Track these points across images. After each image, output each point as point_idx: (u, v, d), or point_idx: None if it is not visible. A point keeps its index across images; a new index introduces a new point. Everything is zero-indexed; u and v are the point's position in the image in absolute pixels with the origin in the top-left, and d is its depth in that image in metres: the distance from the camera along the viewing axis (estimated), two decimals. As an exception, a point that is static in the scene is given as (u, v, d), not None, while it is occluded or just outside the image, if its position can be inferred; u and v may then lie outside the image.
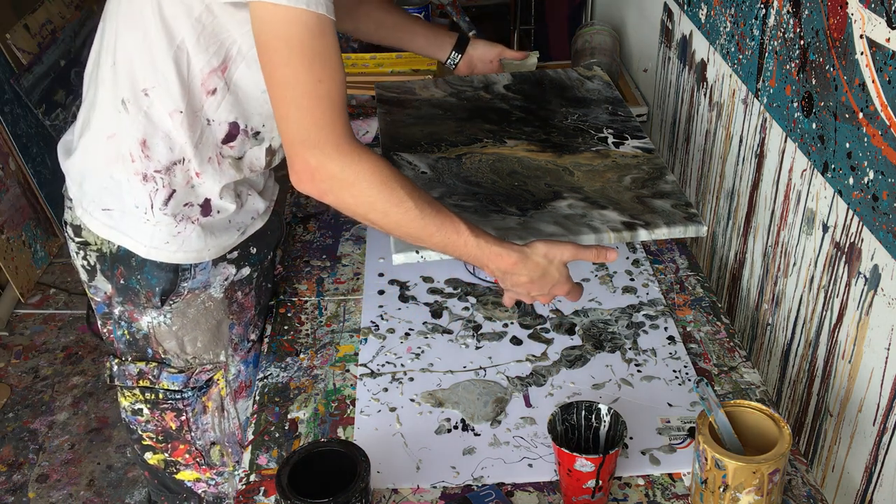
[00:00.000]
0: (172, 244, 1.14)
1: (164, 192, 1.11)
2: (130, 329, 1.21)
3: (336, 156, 0.99)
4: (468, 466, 1.06)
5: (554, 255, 1.11)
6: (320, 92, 0.97)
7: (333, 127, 0.99)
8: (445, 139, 1.43)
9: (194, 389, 1.25)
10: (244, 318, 1.27)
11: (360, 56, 2.02)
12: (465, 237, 1.07)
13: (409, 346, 1.25)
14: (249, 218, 1.21)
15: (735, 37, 1.37)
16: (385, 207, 1.03)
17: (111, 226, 1.14)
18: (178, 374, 1.23)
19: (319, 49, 0.97)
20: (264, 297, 1.32)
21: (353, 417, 1.13)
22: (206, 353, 1.24)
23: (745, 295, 1.42)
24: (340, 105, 1.00)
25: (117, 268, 1.16)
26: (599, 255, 1.14)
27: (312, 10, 0.94)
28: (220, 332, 1.24)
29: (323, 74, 0.97)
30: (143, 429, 1.27)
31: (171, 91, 1.06)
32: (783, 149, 1.24)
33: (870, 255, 1.03)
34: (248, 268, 1.24)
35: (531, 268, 1.11)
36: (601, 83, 1.60)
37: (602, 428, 1.01)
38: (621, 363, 1.21)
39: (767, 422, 0.96)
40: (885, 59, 0.94)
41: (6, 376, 2.53)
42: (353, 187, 1.01)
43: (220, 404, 1.28)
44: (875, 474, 1.05)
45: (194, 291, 1.19)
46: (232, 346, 1.27)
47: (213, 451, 1.31)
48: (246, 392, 1.31)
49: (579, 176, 1.31)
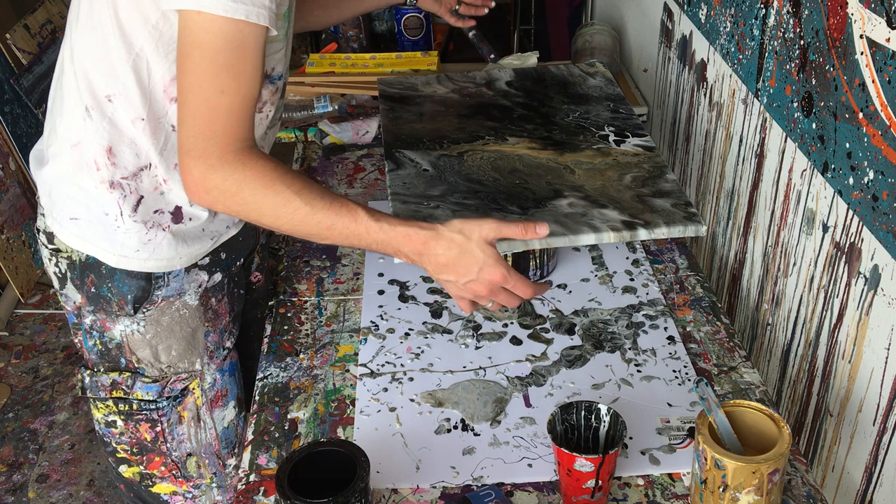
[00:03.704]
0: (143, 252, 1.12)
1: (133, 199, 1.09)
2: (103, 339, 1.19)
3: (219, 166, 0.97)
4: (468, 466, 1.06)
5: (471, 231, 1.04)
6: (221, 104, 0.96)
7: (223, 138, 0.97)
8: (447, 136, 1.43)
9: (169, 399, 1.22)
10: (219, 325, 1.24)
11: (360, 56, 2.02)
12: (366, 224, 1.03)
13: (409, 346, 1.25)
14: (224, 227, 1.20)
15: (735, 37, 1.37)
16: (274, 211, 1.01)
17: (79, 235, 1.12)
18: (153, 384, 1.20)
19: (233, 61, 0.95)
20: (237, 303, 1.29)
21: (353, 417, 1.13)
22: (181, 361, 1.21)
23: (745, 295, 1.42)
24: (240, 118, 0.98)
25: (87, 276, 1.14)
26: (527, 231, 1.06)
27: (236, 19, 0.93)
28: (196, 339, 1.22)
29: (229, 86, 0.95)
30: (118, 441, 1.24)
31: (132, 98, 1.05)
32: (783, 149, 1.24)
33: (870, 255, 1.03)
34: (219, 273, 1.22)
35: (445, 245, 1.04)
36: (603, 80, 1.60)
37: (602, 428, 1.01)
38: (621, 363, 1.21)
39: (767, 422, 0.96)
40: (885, 59, 0.94)
41: (6, 376, 2.53)
42: (238, 195, 0.99)
43: (195, 414, 1.26)
44: (875, 474, 1.05)
45: (168, 299, 1.17)
46: (207, 354, 1.24)
47: (189, 462, 1.28)
48: (222, 401, 1.28)
49: (580, 174, 1.31)
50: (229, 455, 1.33)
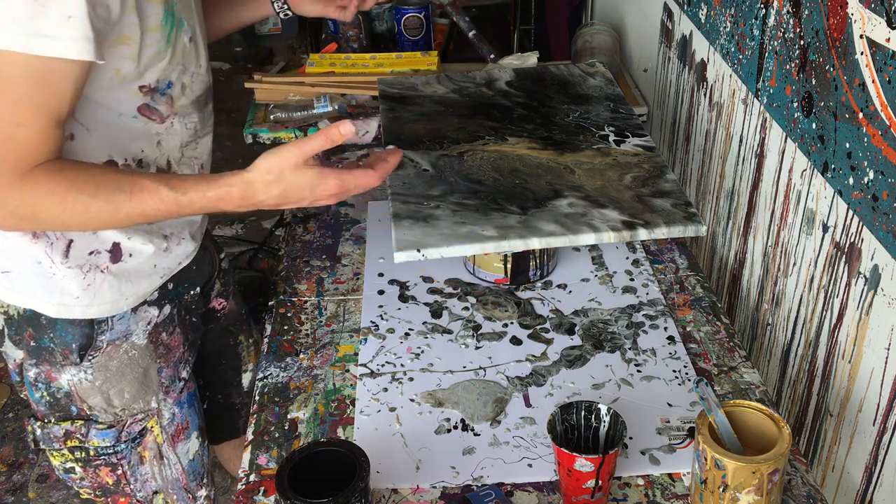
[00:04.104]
0: (84, 298, 1.08)
1: (61, 244, 1.06)
2: (50, 389, 1.14)
3: (8, 195, 0.94)
4: (468, 466, 1.06)
5: (279, 166, 0.98)
6: (17, 134, 0.92)
7: (13, 164, 0.93)
8: (448, 136, 1.43)
9: (127, 442, 1.18)
10: (172, 358, 1.21)
11: (360, 56, 2.02)
12: (174, 200, 0.97)
13: (409, 346, 1.25)
14: (177, 263, 1.17)
15: (735, 37, 1.37)
16: (78, 219, 0.97)
17: (12, 288, 1.09)
18: (108, 430, 1.16)
19: (33, 93, 0.91)
20: (191, 332, 1.25)
21: (353, 417, 1.13)
22: (135, 402, 1.18)
23: (745, 295, 1.42)
24: (40, 144, 0.94)
25: (25, 330, 1.11)
26: (328, 138, 0.98)
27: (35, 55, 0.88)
28: (148, 378, 1.18)
29: (26, 118, 0.92)
30: (79, 485, 1.21)
31: None
32: (783, 149, 1.24)
33: (870, 255, 1.03)
34: (168, 305, 1.19)
35: (263, 189, 0.99)
36: (603, 80, 1.60)
37: (602, 428, 1.01)
38: (621, 363, 1.21)
39: (767, 422, 0.96)
40: (885, 59, 0.94)
41: (6, 376, 2.53)
42: (38, 217, 0.96)
43: (157, 452, 1.22)
44: (875, 474, 1.05)
45: (115, 343, 1.13)
46: (163, 390, 1.21)
47: (156, 500, 1.25)
48: (184, 434, 1.25)
49: (580, 174, 1.31)
50: (198, 487, 1.30)
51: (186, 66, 1.11)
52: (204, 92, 1.16)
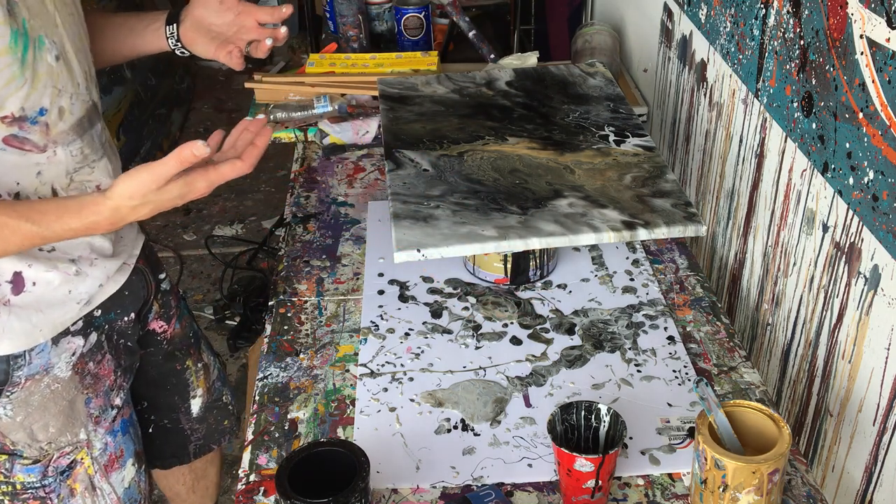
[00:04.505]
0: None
1: None
2: None
3: None
4: (468, 466, 1.06)
5: (139, 192, 0.95)
6: None
7: None
8: (448, 136, 1.43)
9: (55, 476, 1.13)
10: (101, 387, 1.16)
11: (360, 56, 2.02)
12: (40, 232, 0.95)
13: (409, 346, 1.25)
14: (97, 286, 1.11)
15: (735, 37, 1.37)
16: None
17: None
18: (34, 465, 1.11)
19: None
20: (125, 357, 1.20)
21: (353, 417, 1.13)
22: (62, 436, 1.12)
23: (745, 295, 1.42)
24: None
25: None
26: (180, 160, 0.94)
27: None
28: (75, 410, 1.13)
29: None
30: None
31: None
32: (783, 149, 1.24)
33: (870, 255, 1.03)
34: (94, 333, 1.13)
35: (130, 212, 0.96)
36: (603, 80, 1.60)
37: (602, 428, 1.01)
38: (621, 363, 1.21)
39: (767, 422, 0.96)
40: (885, 59, 0.94)
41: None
42: None
43: (89, 484, 1.17)
44: (875, 474, 1.05)
45: (34, 377, 1.08)
46: (92, 420, 1.15)
47: None
48: (118, 463, 1.20)
49: (580, 174, 1.31)
50: None
51: (60, 88, 1.03)
52: (86, 113, 1.09)
